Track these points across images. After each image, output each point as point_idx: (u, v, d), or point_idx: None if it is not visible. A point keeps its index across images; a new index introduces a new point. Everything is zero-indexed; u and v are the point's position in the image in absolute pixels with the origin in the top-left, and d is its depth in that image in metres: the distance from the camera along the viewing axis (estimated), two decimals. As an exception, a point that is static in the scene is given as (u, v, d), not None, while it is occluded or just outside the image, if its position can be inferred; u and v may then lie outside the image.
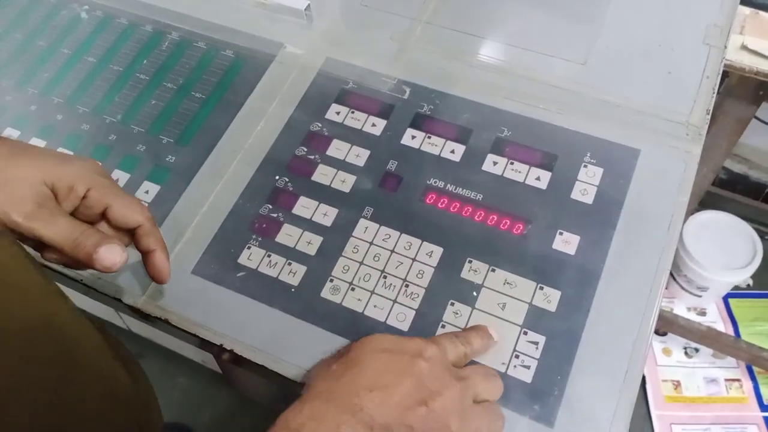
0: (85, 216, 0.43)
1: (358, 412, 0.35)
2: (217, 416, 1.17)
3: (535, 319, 0.46)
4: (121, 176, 0.55)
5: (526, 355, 0.44)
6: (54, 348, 0.39)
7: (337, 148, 0.54)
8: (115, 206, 0.43)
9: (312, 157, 0.54)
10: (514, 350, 0.45)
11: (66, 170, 0.41)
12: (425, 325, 0.46)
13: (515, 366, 0.44)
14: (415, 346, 0.40)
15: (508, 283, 0.47)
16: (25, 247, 0.38)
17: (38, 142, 0.59)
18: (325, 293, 0.48)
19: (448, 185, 0.52)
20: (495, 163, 0.52)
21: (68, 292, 0.57)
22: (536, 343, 0.45)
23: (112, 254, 0.40)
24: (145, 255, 0.45)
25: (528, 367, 0.44)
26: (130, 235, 0.45)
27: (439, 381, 0.38)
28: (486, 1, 0.61)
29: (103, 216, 0.44)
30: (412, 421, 0.36)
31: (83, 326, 0.43)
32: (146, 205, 0.44)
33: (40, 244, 0.41)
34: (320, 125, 0.56)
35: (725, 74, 0.56)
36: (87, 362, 0.42)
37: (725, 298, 1.16)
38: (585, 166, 0.51)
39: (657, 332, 1.10)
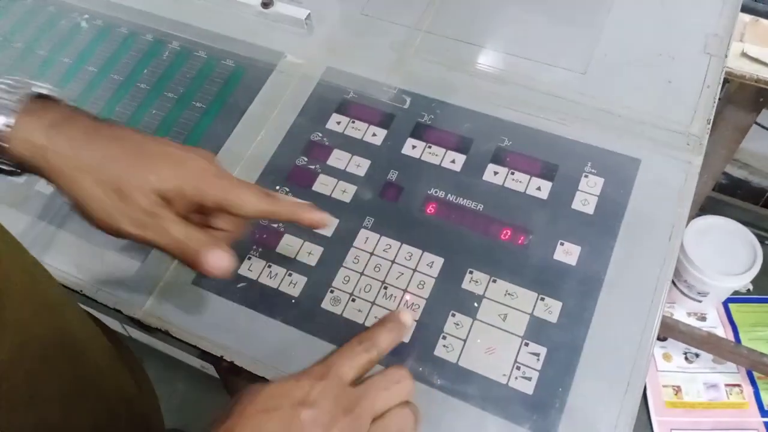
0: (201, 212, 0.43)
1: None
2: (217, 422, 1.17)
3: (536, 330, 0.45)
4: (121, 186, 0.55)
5: (527, 366, 0.44)
6: (66, 361, 0.39)
7: (338, 158, 0.54)
8: (229, 203, 0.42)
9: (312, 167, 0.54)
10: (515, 361, 0.44)
11: (177, 178, 0.40)
12: (426, 336, 0.46)
13: (516, 378, 0.44)
14: (299, 392, 0.37)
15: (509, 293, 0.47)
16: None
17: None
18: (326, 304, 0.48)
19: (449, 195, 0.52)
20: (496, 173, 0.52)
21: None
22: (537, 355, 0.45)
23: (216, 259, 0.40)
24: (294, 221, 0.44)
25: (529, 379, 0.44)
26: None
27: (323, 427, 0.36)
28: (486, 10, 0.61)
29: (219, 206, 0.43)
30: None
31: (92, 332, 0.43)
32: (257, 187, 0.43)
33: None
34: (321, 135, 0.56)
35: (725, 81, 0.56)
36: (96, 370, 0.42)
37: (725, 303, 1.16)
38: (586, 176, 0.51)
39: (657, 338, 1.10)
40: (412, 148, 0.54)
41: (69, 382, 0.39)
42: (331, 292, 0.48)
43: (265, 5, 0.62)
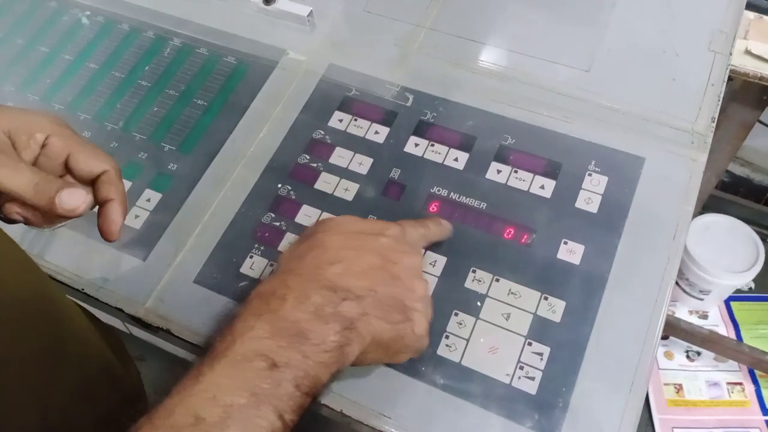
0: (47, 167, 0.41)
1: (322, 280, 0.38)
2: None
3: (539, 329, 0.45)
4: (122, 184, 0.55)
5: (530, 366, 0.44)
6: (47, 321, 0.39)
7: (340, 156, 0.54)
8: (77, 153, 0.41)
9: (315, 164, 0.54)
10: (519, 361, 0.44)
11: (25, 118, 0.40)
12: (429, 335, 0.45)
13: (519, 377, 0.44)
14: (376, 226, 0.43)
15: (512, 293, 0.47)
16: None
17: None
18: (329, 303, 0.48)
19: (452, 193, 0.51)
20: (499, 171, 0.52)
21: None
22: (541, 354, 0.44)
23: (75, 197, 0.38)
24: (102, 206, 0.42)
25: (532, 379, 0.44)
26: (94, 186, 0.42)
27: (399, 252, 0.41)
28: (489, 7, 0.60)
29: (67, 168, 0.42)
30: (374, 285, 0.39)
31: (69, 302, 0.43)
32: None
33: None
34: (323, 132, 0.56)
35: (729, 79, 0.56)
36: (76, 337, 0.42)
37: (727, 302, 1.16)
38: (590, 175, 0.51)
39: (659, 335, 1.10)
40: (415, 146, 0.54)
41: (52, 340, 0.39)
42: (334, 290, 0.48)
43: (267, 2, 0.62)
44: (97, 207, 0.42)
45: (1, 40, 0.66)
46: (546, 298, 0.46)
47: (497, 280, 0.47)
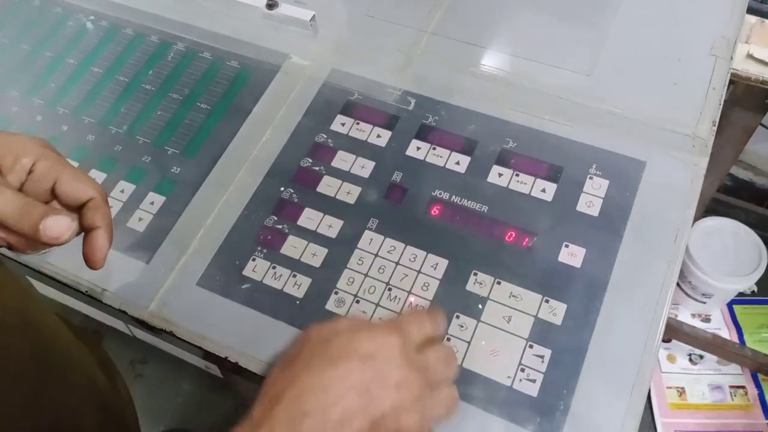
0: (33, 192, 0.40)
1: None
2: (220, 422, 1.17)
3: (540, 332, 0.45)
4: (126, 187, 0.55)
5: (531, 368, 0.44)
6: (31, 344, 0.38)
7: (343, 160, 0.54)
8: (64, 178, 0.40)
9: (317, 168, 0.54)
10: (520, 364, 0.44)
11: (11, 141, 0.39)
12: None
13: (521, 380, 0.44)
14: (369, 345, 0.36)
15: (513, 296, 0.47)
16: None
17: (44, 152, 0.59)
18: (330, 305, 0.48)
19: (454, 197, 0.52)
20: (500, 175, 0.52)
21: (74, 303, 0.57)
22: (542, 357, 0.45)
23: (60, 224, 0.37)
24: (87, 232, 0.40)
25: (534, 381, 0.44)
26: (80, 213, 0.41)
27: (388, 386, 0.35)
28: (492, 12, 0.61)
29: (53, 193, 0.41)
30: None
31: (56, 323, 0.43)
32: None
33: None
34: (325, 136, 0.56)
35: (731, 83, 0.56)
36: (63, 358, 0.42)
37: (730, 305, 1.16)
38: (591, 178, 0.51)
39: (661, 339, 1.10)
40: (417, 149, 0.54)
41: (38, 363, 0.38)
42: (336, 293, 0.48)
43: (270, 7, 0.62)
44: (83, 233, 0.41)
45: (6, 45, 0.66)
46: (547, 301, 0.46)
47: (498, 283, 0.47)
